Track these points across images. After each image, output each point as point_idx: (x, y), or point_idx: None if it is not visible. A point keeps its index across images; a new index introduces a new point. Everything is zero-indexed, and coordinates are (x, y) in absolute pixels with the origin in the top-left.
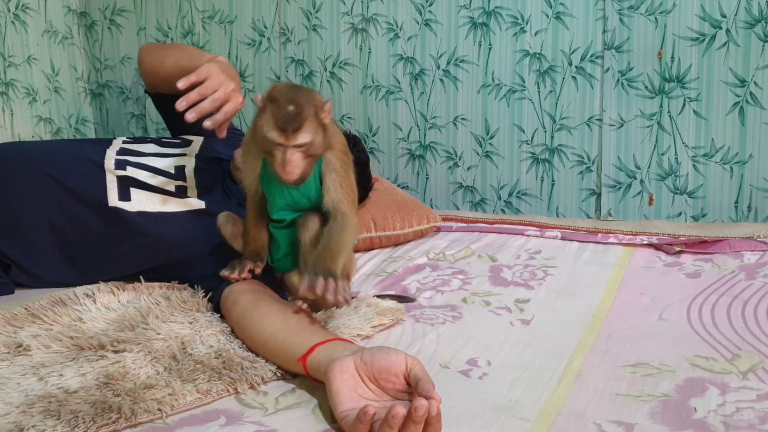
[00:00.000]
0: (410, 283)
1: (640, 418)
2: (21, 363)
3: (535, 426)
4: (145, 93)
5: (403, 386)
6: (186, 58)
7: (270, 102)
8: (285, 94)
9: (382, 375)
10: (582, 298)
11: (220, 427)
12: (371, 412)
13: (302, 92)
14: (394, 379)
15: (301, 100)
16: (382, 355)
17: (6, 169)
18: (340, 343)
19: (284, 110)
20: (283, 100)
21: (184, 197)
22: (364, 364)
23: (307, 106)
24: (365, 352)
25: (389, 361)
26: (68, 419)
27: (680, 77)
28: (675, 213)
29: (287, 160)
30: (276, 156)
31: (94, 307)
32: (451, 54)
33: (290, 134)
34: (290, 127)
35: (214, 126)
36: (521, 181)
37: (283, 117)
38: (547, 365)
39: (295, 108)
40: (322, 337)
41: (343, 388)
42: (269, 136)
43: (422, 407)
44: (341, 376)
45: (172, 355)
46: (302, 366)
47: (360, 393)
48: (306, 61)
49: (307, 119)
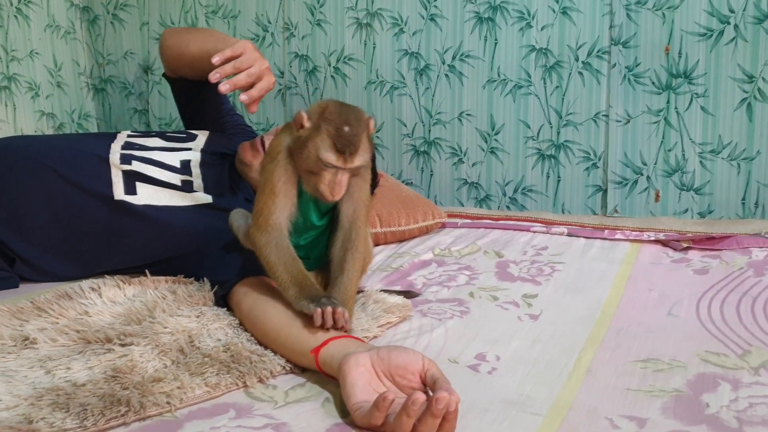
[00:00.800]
0: (416, 279)
1: (652, 413)
2: (28, 356)
3: (546, 421)
4: (163, 77)
5: (418, 385)
6: (212, 41)
7: (323, 122)
8: (339, 114)
9: (398, 372)
10: (590, 293)
11: (230, 420)
12: (390, 398)
13: (353, 111)
14: (410, 377)
15: (355, 120)
16: (399, 352)
17: (10, 163)
18: (353, 340)
19: (341, 132)
20: (338, 121)
21: (190, 191)
22: (380, 360)
23: (361, 126)
24: (381, 349)
25: (406, 359)
26: (77, 412)
27: (687, 73)
28: (681, 209)
29: (338, 182)
30: (324, 177)
31: (100, 301)
32: (456, 49)
33: (348, 157)
34: (348, 150)
35: (249, 101)
36: (527, 178)
37: (342, 139)
38: (557, 360)
39: (350, 129)
40: (335, 332)
41: (359, 381)
42: (325, 158)
43: (443, 399)
44: (356, 370)
45: (180, 348)
46: (314, 358)
47: (374, 387)
48: (310, 57)
49: (362, 141)
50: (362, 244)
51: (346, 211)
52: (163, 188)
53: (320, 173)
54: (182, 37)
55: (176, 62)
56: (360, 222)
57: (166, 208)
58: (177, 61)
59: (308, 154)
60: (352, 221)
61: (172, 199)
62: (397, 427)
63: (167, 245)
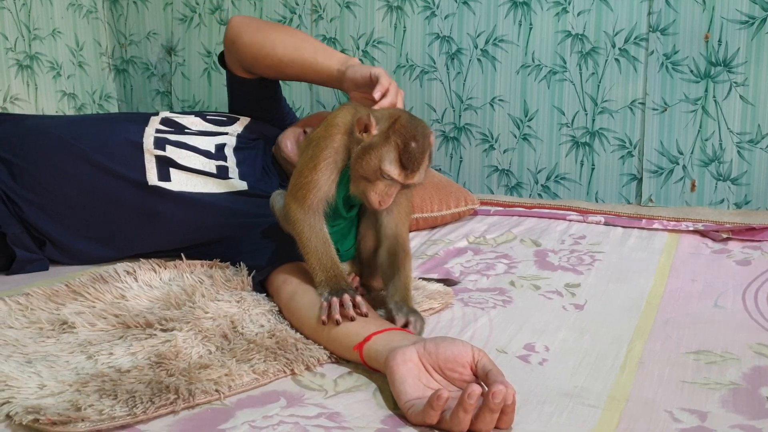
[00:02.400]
0: (453, 266)
1: (711, 407)
2: (67, 340)
3: (605, 414)
4: (220, 65)
5: (470, 377)
6: (309, 48)
7: (393, 134)
8: (409, 128)
9: (447, 365)
10: (633, 283)
11: (282, 409)
12: (444, 395)
13: (420, 126)
14: (461, 370)
15: (421, 137)
16: (447, 344)
17: (42, 145)
18: (398, 332)
19: (409, 147)
20: (408, 136)
21: (226, 178)
22: (428, 354)
23: (426, 144)
24: (428, 341)
25: (455, 351)
26: (125, 399)
27: (727, 61)
28: (717, 200)
29: (390, 193)
30: (377, 186)
31: (136, 285)
32: (489, 33)
33: (409, 174)
34: (412, 167)
35: None
36: (560, 165)
37: (408, 155)
38: (607, 351)
39: (417, 146)
40: (378, 325)
41: (408, 377)
42: (388, 170)
43: (500, 392)
44: (404, 366)
45: (223, 334)
46: (358, 354)
47: (425, 383)
48: (338, 40)
49: (425, 158)
50: (409, 261)
51: (388, 223)
52: (197, 175)
53: (374, 182)
54: (266, 36)
55: (257, 62)
56: (403, 237)
57: (201, 195)
58: (258, 62)
59: (369, 161)
60: (396, 235)
61: (206, 185)
62: (455, 425)
63: (202, 230)
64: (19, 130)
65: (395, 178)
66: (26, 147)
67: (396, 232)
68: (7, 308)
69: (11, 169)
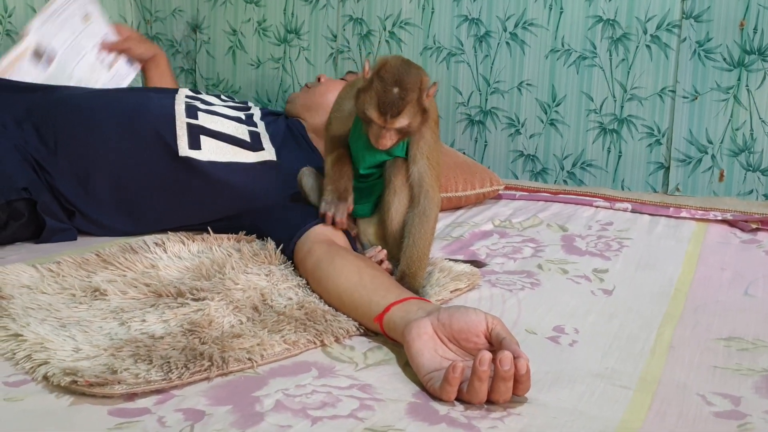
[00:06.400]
0: (479, 249)
1: (744, 392)
2: (99, 307)
3: (637, 395)
4: None
5: (485, 346)
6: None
7: (377, 78)
8: (394, 74)
9: (461, 335)
10: (662, 270)
11: (314, 379)
12: (459, 367)
13: (411, 73)
14: (475, 339)
15: (408, 83)
16: (460, 315)
17: (74, 115)
18: (415, 302)
19: (389, 93)
20: (390, 81)
21: (256, 146)
22: (441, 325)
23: (412, 90)
24: (442, 311)
25: (468, 321)
26: (160, 364)
27: (762, 50)
28: (746, 190)
29: (382, 136)
30: (372, 128)
31: (166, 256)
32: (519, 17)
33: (389, 119)
34: (390, 112)
35: None
36: (587, 152)
37: (386, 101)
38: (637, 335)
39: (399, 92)
40: (397, 295)
41: (424, 350)
42: (369, 114)
43: (507, 358)
44: (420, 339)
45: (254, 306)
46: (379, 326)
47: (441, 354)
48: (365, 20)
49: (408, 105)
50: (432, 208)
51: (411, 177)
52: (228, 144)
53: (369, 123)
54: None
55: None
56: (428, 185)
57: (230, 165)
58: None
59: (359, 105)
60: (419, 185)
61: (236, 155)
62: (473, 396)
63: (230, 203)
64: (51, 99)
65: (377, 122)
66: (58, 116)
67: (420, 178)
68: (39, 275)
69: (44, 137)
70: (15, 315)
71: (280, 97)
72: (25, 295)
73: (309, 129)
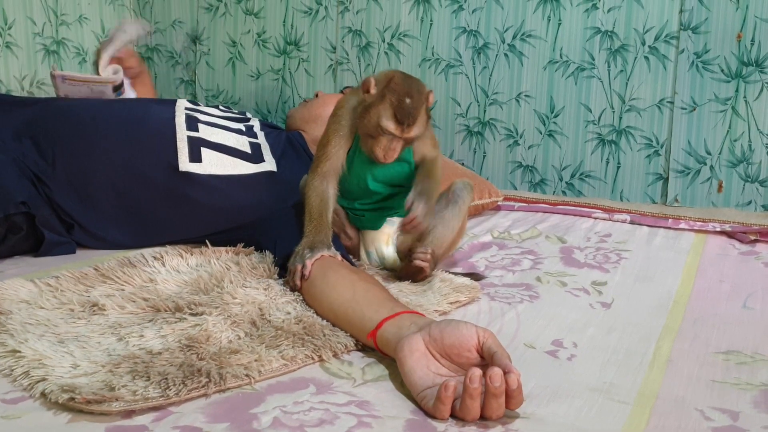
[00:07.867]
0: (478, 261)
1: (743, 407)
2: (98, 322)
3: (635, 409)
4: None
5: (477, 360)
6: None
7: (388, 91)
8: (403, 86)
9: (453, 351)
10: (660, 283)
11: (312, 396)
12: (451, 386)
13: (415, 84)
14: (467, 354)
15: (416, 93)
16: (451, 330)
17: (75, 127)
18: (408, 316)
19: (403, 104)
20: (402, 93)
21: (256, 157)
22: (433, 341)
23: (421, 100)
24: (433, 326)
25: (459, 336)
26: (158, 381)
27: (759, 61)
28: (745, 201)
29: (392, 148)
30: (380, 141)
31: (164, 270)
32: (517, 28)
33: (405, 128)
34: (407, 121)
35: None
36: (585, 163)
37: (402, 110)
38: (636, 349)
39: (411, 102)
40: (390, 309)
41: (416, 367)
42: (385, 126)
43: (497, 375)
44: (412, 356)
45: (251, 320)
46: (372, 342)
47: (434, 370)
48: (363, 32)
49: (421, 114)
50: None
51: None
52: (228, 156)
53: (378, 138)
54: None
55: None
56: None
57: (231, 178)
58: None
59: (370, 119)
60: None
61: (237, 167)
62: (466, 413)
63: (229, 217)
64: (50, 111)
65: (393, 132)
66: (58, 128)
67: (423, 155)
68: (38, 290)
69: (42, 150)
70: (13, 330)
71: (279, 108)
72: (23, 311)
73: (309, 140)
